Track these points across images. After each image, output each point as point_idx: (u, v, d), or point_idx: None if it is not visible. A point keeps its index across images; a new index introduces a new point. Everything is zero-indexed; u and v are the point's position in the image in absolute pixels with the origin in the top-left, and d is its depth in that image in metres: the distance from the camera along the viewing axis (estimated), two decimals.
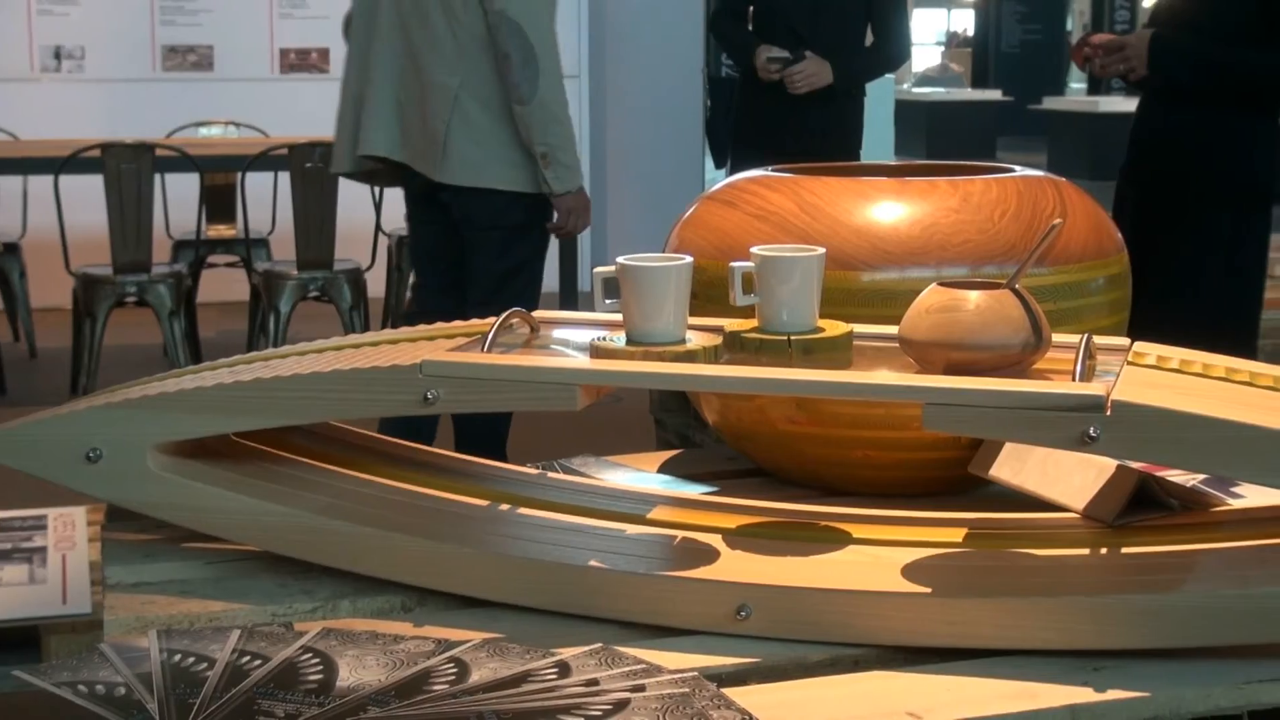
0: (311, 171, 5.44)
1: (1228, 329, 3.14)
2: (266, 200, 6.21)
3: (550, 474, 1.77)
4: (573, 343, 1.60)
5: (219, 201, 6.23)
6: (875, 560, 1.48)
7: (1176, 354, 1.51)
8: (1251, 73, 3.09)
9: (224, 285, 6.97)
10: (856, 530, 1.56)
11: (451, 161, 3.53)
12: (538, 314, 1.68)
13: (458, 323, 1.71)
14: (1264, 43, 3.06)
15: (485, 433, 3.50)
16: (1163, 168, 3.21)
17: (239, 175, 5.72)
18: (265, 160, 5.60)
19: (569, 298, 5.73)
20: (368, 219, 5.94)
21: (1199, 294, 3.17)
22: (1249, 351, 3.20)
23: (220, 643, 1.34)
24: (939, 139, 16.96)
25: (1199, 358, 1.50)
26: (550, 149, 3.51)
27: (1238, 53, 3.08)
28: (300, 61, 7.96)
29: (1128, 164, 3.37)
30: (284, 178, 5.77)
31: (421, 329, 1.71)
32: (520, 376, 1.46)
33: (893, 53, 4.58)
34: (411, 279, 4.31)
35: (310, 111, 7.22)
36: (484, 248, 3.58)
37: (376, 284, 6.13)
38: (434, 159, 3.54)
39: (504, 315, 1.58)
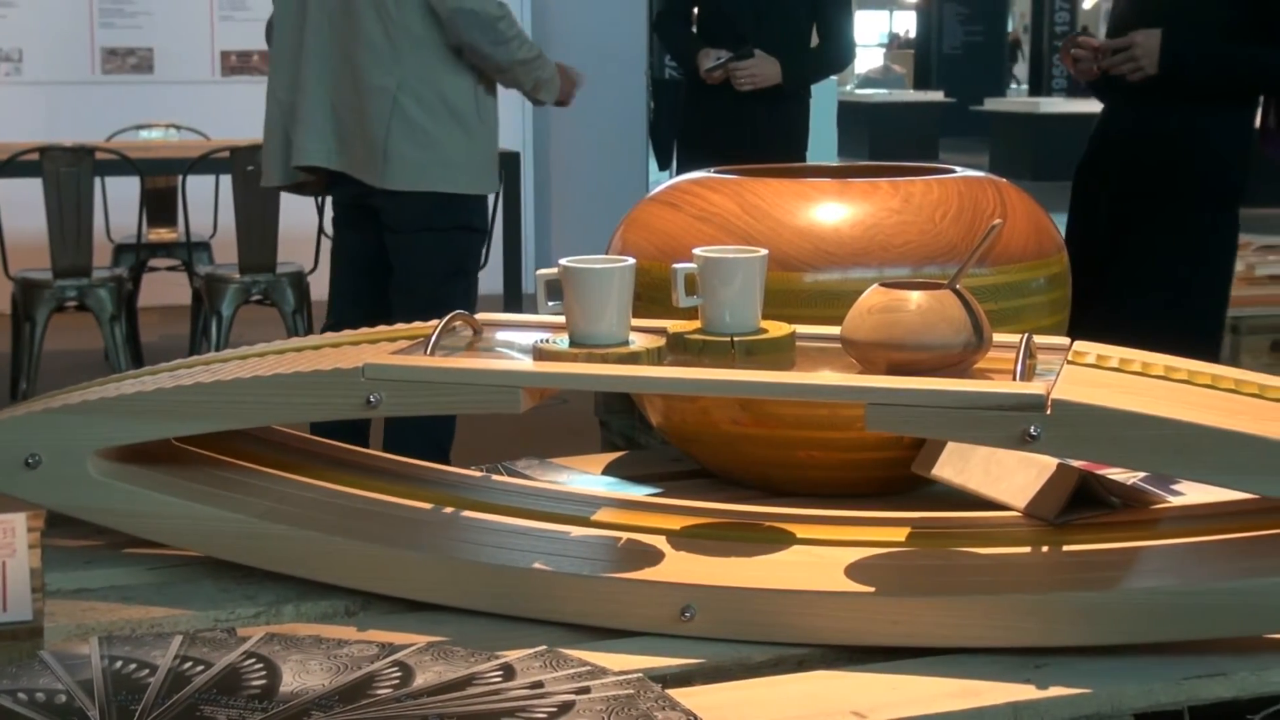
0: (253, 174, 5.41)
1: (1194, 327, 3.13)
2: (208, 203, 6.17)
3: (495, 476, 1.77)
4: (516, 345, 1.60)
5: (160, 205, 6.18)
6: (819, 560, 1.49)
7: (1116, 353, 1.52)
8: (1265, 70, 3.08)
9: (165, 289, 6.93)
10: (800, 530, 1.57)
11: (393, 166, 3.45)
12: (481, 316, 1.68)
13: (400, 325, 1.71)
14: (1262, 41, 3.05)
15: (418, 441, 3.39)
16: (1133, 166, 3.20)
17: (180, 178, 5.68)
18: (207, 163, 5.57)
19: (513, 300, 5.73)
20: (310, 221, 5.91)
21: (1167, 292, 3.16)
22: (1213, 349, 3.21)
23: (162, 649, 1.33)
24: (882, 140, 17.04)
25: (1138, 356, 1.51)
26: (539, 80, 3.60)
27: (1250, 50, 3.06)
28: (241, 64, 7.93)
29: (1088, 162, 3.34)
30: (225, 181, 5.74)
31: (363, 332, 1.70)
32: (463, 379, 1.45)
33: (838, 54, 4.59)
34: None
35: (252, 114, 7.16)
36: (419, 251, 3.51)
37: (320, 287, 6.06)
38: (375, 166, 3.46)
39: (447, 318, 1.58)
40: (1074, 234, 3.33)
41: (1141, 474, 1.71)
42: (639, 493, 1.80)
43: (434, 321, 1.61)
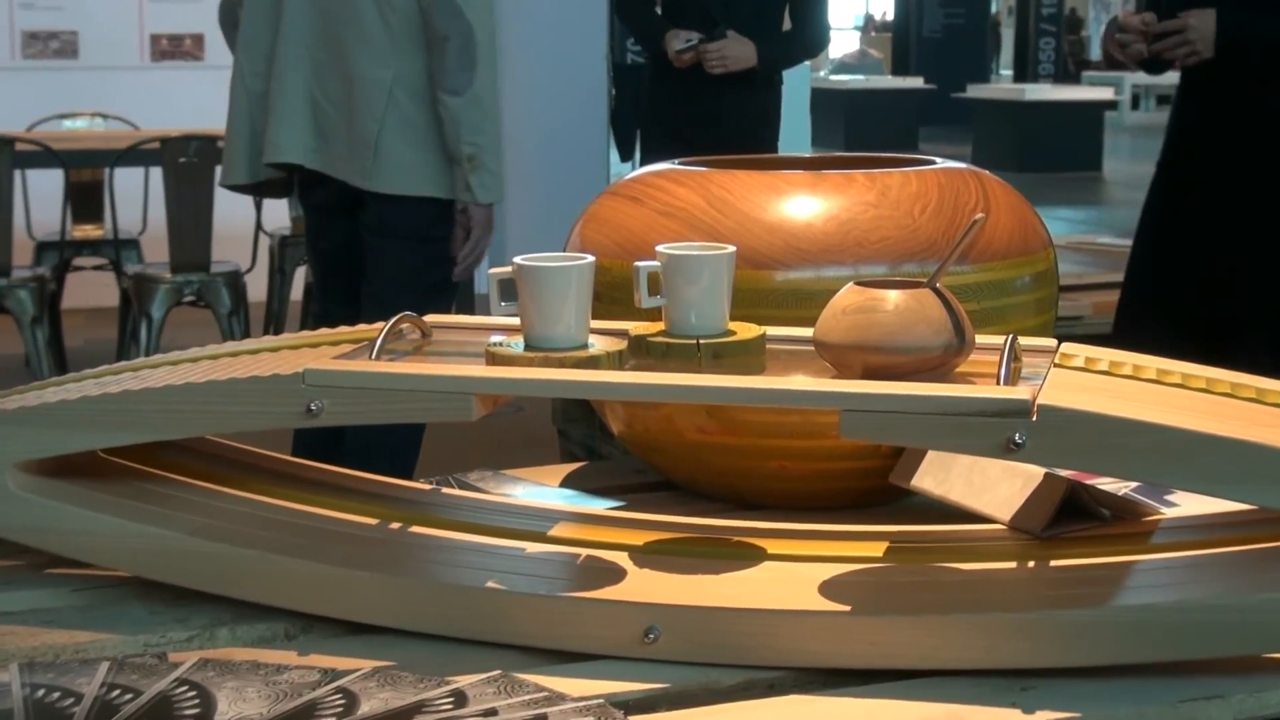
0: (185, 167, 5.40)
1: None
2: (137, 198, 6.15)
3: (445, 490, 1.77)
4: (468, 349, 1.60)
5: (85, 199, 6.16)
6: (791, 577, 1.49)
7: (1106, 355, 1.53)
8: None
9: (91, 290, 6.90)
10: (771, 545, 1.57)
11: (385, 166, 3.33)
12: (430, 318, 1.68)
13: (343, 329, 1.71)
14: None
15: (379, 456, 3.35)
16: (1225, 157, 3.08)
17: (107, 171, 5.66)
18: (135, 155, 5.55)
19: (464, 301, 5.72)
20: (247, 217, 5.90)
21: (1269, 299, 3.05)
22: None
23: (88, 676, 1.32)
24: (858, 129, 17.10)
25: (1129, 359, 1.52)
26: (479, 151, 3.32)
27: None
28: (173, 49, 7.90)
29: (1174, 150, 3.22)
30: (156, 174, 5.72)
31: (305, 335, 1.70)
32: (411, 385, 1.45)
33: (813, 38, 4.61)
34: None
35: (184, 102, 7.17)
36: (405, 260, 3.40)
37: (257, 287, 6.09)
38: (363, 165, 3.33)
39: (393, 320, 1.58)
40: (1167, 247, 3.20)
41: (1133, 484, 1.71)
42: (599, 506, 1.80)
43: (379, 324, 1.61)
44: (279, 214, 6.18)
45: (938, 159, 1.99)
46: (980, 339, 1.48)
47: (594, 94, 7.83)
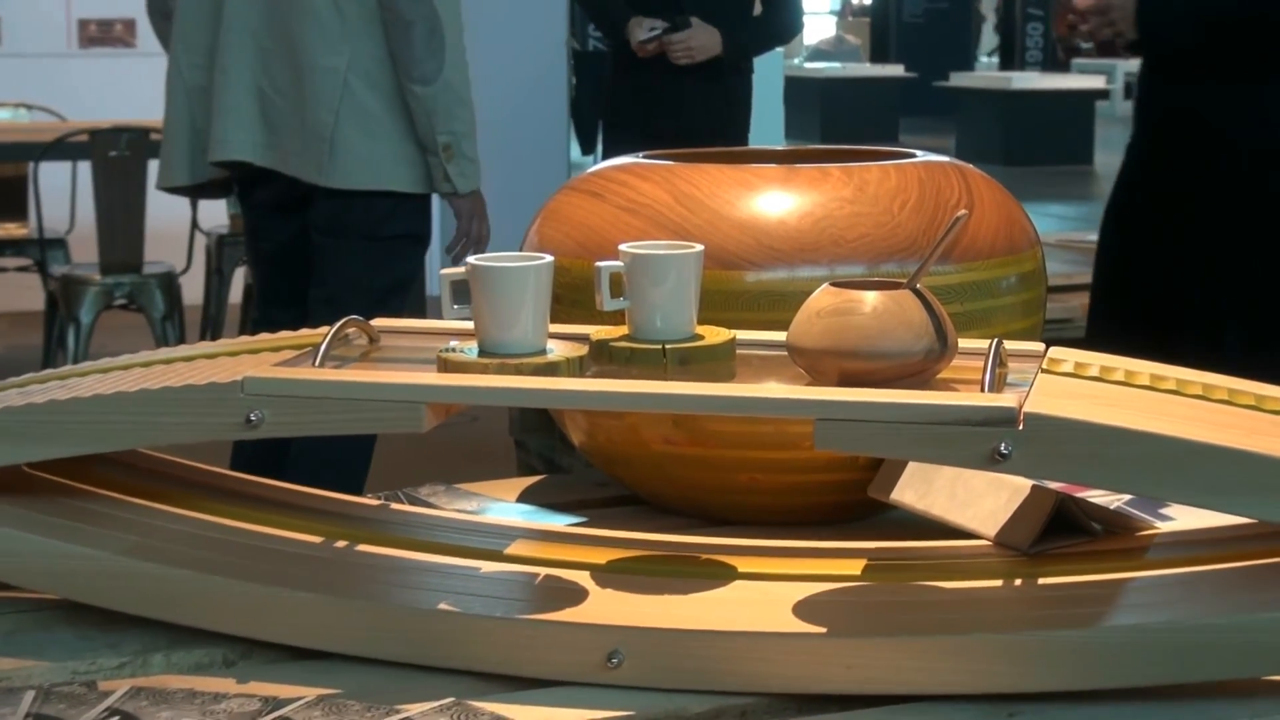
0: (116, 161, 5.38)
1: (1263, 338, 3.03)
2: (64, 194, 6.13)
3: (394, 505, 1.77)
4: (419, 355, 1.60)
5: (8, 196, 6.14)
6: (764, 597, 1.49)
7: (1097, 360, 1.54)
8: (1258, 29, 3.00)
9: (14, 292, 6.87)
10: (742, 564, 1.57)
11: (341, 161, 3.30)
12: (378, 323, 1.68)
13: (286, 334, 1.70)
14: None
15: (322, 464, 3.28)
16: (1183, 144, 3.09)
17: (31, 165, 5.63)
18: (62, 148, 5.52)
19: (415, 304, 5.71)
20: (182, 215, 5.88)
21: (1235, 299, 3.06)
22: None
23: (11, 707, 1.32)
24: (834, 120, 17.14)
25: (1121, 364, 1.52)
26: (455, 139, 3.30)
27: (1237, 5, 2.99)
28: (103, 35, 7.88)
29: (1141, 141, 3.23)
30: (84, 168, 5.70)
31: (244, 340, 1.69)
32: (358, 394, 1.45)
33: (785, 23, 4.62)
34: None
35: (114, 92, 7.14)
36: (360, 261, 3.37)
37: (193, 289, 6.07)
38: (317, 160, 3.30)
39: (338, 324, 1.58)
40: (1122, 250, 3.21)
41: (1126, 496, 1.72)
42: (559, 522, 1.80)
43: (324, 329, 1.60)
44: (216, 212, 6.16)
45: (918, 152, 2.00)
46: (963, 343, 1.49)
47: (553, 82, 7.84)
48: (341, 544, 1.62)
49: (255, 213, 3.57)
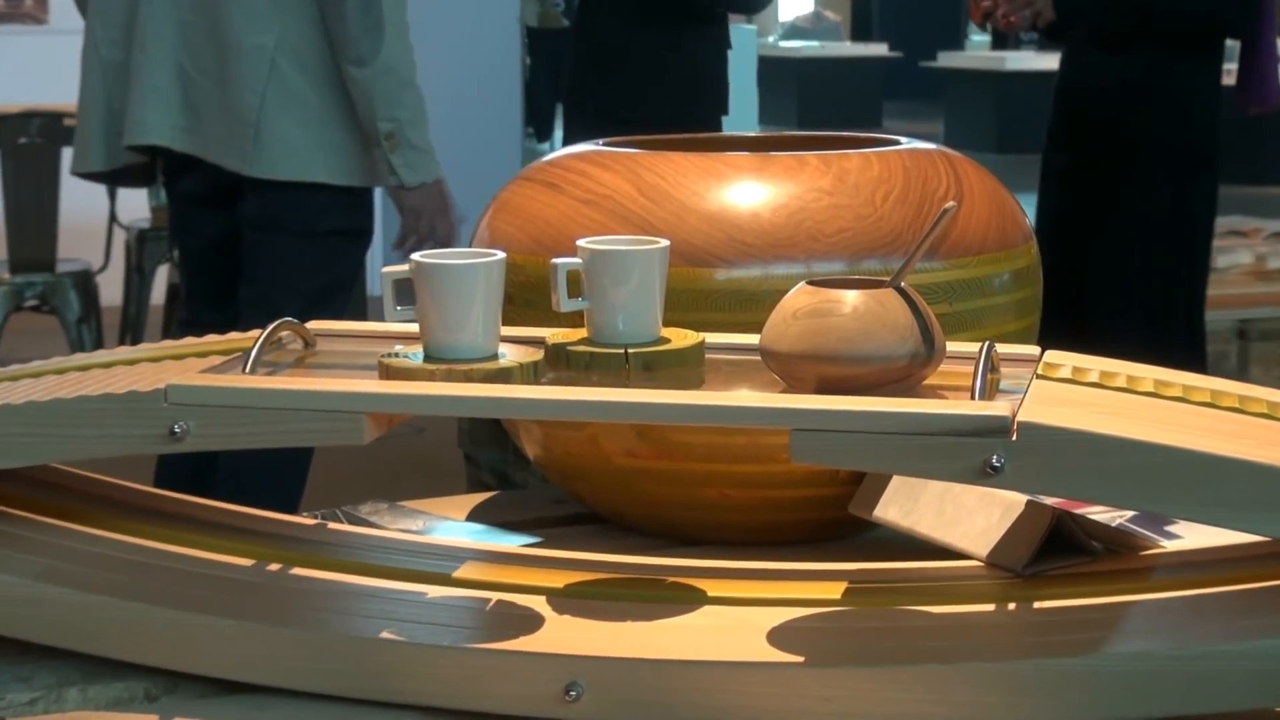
0: (26, 149, 5.36)
1: (1173, 324, 3.20)
2: None
3: (332, 525, 1.77)
4: (359, 360, 1.60)
5: None
6: (736, 623, 1.50)
7: (1096, 365, 1.54)
8: (1172, 4, 3.16)
9: None
10: (712, 587, 1.58)
11: (267, 148, 3.29)
12: (314, 325, 1.68)
13: (213, 337, 1.70)
14: None
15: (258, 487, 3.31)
16: (1091, 126, 3.27)
17: None
18: None
19: (355, 305, 5.70)
20: (99, 208, 5.87)
21: (1139, 281, 3.23)
22: (1197, 351, 3.27)
23: None
24: (812, 104, 17.16)
25: (1123, 370, 1.53)
26: (400, 125, 3.28)
27: None
28: (11, 10, 7.85)
29: (1054, 123, 3.43)
30: None
31: (168, 345, 1.69)
32: (292, 403, 1.45)
33: None
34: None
35: (24, 73, 7.11)
36: (294, 258, 3.37)
37: (111, 289, 6.06)
38: (240, 146, 3.30)
39: (270, 327, 1.57)
40: (1043, 217, 3.40)
41: (1129, 513, 1.73)
42: (513, 543, 1.80)
43: (255, 332, 1.60)
44: (137, 204, 6.13)
45: (904, 138, 2.00)
46: (952, 346, 1.49)
47: (505, 62, 7.82)
48: (275, 567, 1.62)
49: (181, 204, 3.56)
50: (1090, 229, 3.28)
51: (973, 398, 1.38)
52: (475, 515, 1.99)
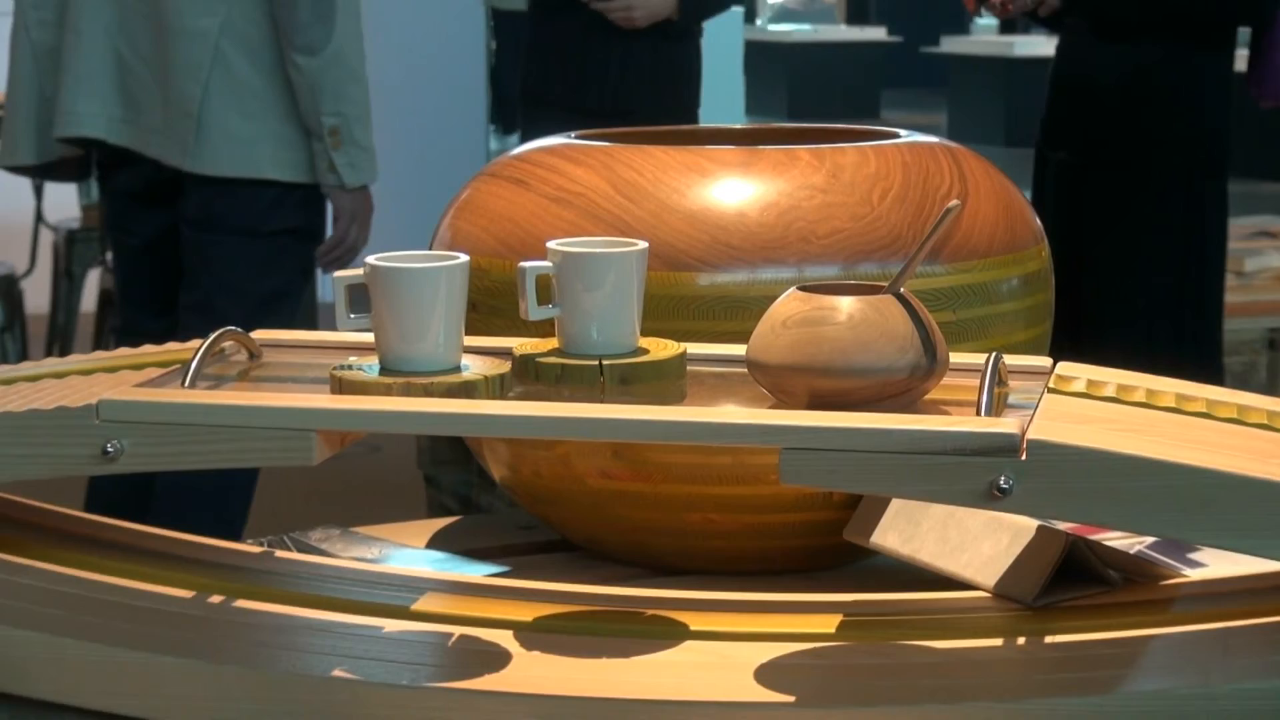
0: None
1: (1185, 337, 3.22)
2: None
3: (279, 553, 1.77)
4: (309, 373, 1.60)
5: None
6: (721, 660, 1.50)
7: (1113, 377, 1.55)
8: None
9: None
10: (695, 620, 1.58)
11: (210, 142, 3.30)
12: (259, 335, 1.68)
13: (150, 348, 1.70)
14: None
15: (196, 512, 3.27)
16: (1092, 121, 3.29)
17: None
18: None
19: (305, 312, 5.69)
20: (24, 207, 5.85)
21: (1145, 289, 3.25)
22: (1212, 367, 3.29)
23: None
24: (804, 93, 17.16)
25: (1142, 382, 1.53)
26: (345, 121, 3.30)
27: None
28: None
29: (1048, 118, 3.46)
30: None
31: (101, 356, 1.69)
32: (236, 420, 1.45)
33: None
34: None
35: None
36: (239, 261, 3.38)
37: (37, 295, 6.04)
38: (182, 140, 3.30)
39: (212, 336, 1.57)
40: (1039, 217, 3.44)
41: (1149, 539, 1.73)
42: (477, 573, 1.80)
43: (195, 342, 1.60)
44: (65, 202, 6.13)
45: (903, 131, 2.01)
46: (955, 358, 1.50)
47: (468, 48, 7.81)
48: (217, 599, 1.62)
49: (117, 201, 3.56)
50: (1091, 232, 3.30)
51: (978, 413, 1.38)
52: (436, 542, 1.99)
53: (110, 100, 3.37)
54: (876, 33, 18.92)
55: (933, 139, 1.98)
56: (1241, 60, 3.51)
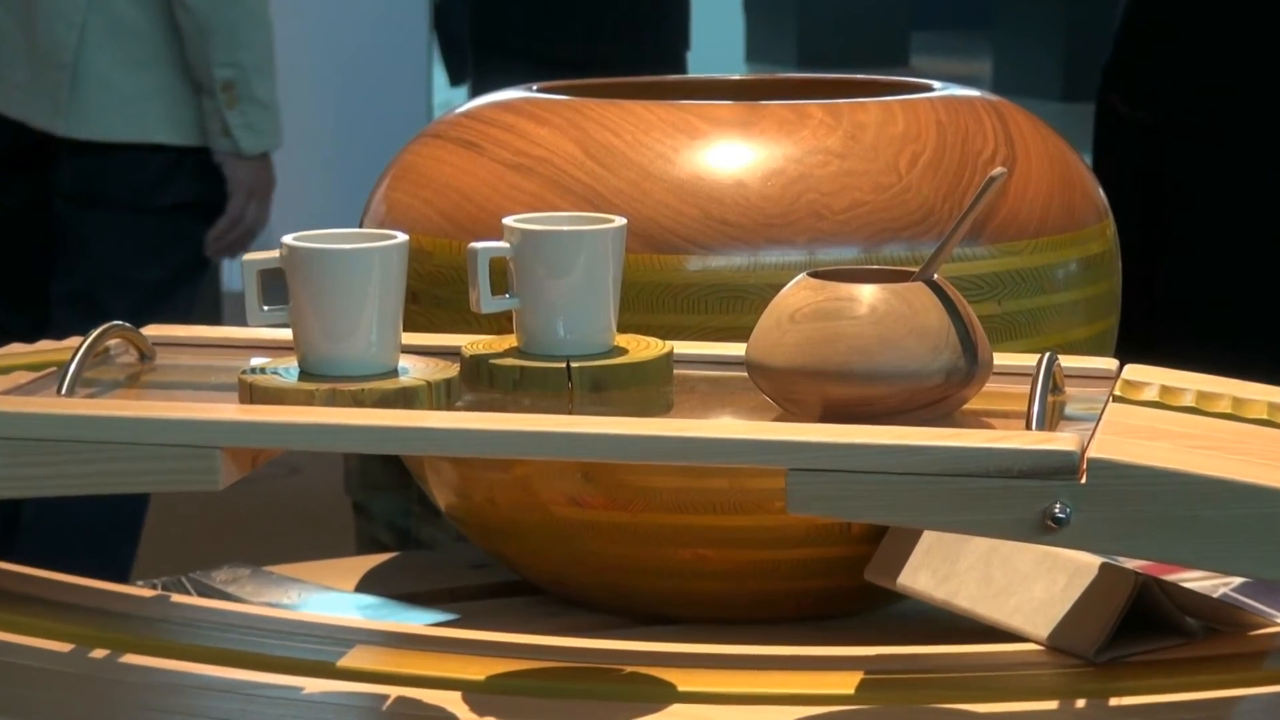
0: None
1: None
2: None
3: (176, 597, 1.77)
4: (211, 378, 1.60)
5: None
6: None
7: (1192, 384, 1.55)
8: None
9: None
10: (684, 679, 1.58)
11: (87, 99, 3.33)
12: (151, 332, 1.68)
13: (17, 346, 1.70)
14: None
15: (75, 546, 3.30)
16: (1178, 73, 3.28)
17: None
18: None
19: (206, 303, 5.70)
20: None
21: (1240, 279, 3.25)
22: None
23: None
24: (816, 37, 17.18)
25: (1227, 390, 1.54)
26: (242, 74, 3.32)
27: None
28: None
29: (1116, 66, 3.44)
30: None
31: None
32: (123, 435, 1.45)
33: None
34: None
35: None
36: (125, 241, 3.41)
37: None
38: (53, 96, 3.33)
39: (96, 332, 1.57)
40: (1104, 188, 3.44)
41: (1236, 580, 1.74)
42: (418, 621, 1.80)
43: (74, 340, 1.60)
44: None
45: (937, 83, 2.01)
46: (1000, 359, 1.50)
47: None
48: (100, 654, 1.62)
49: None
50: (1174, 208, 3.28)
51: (1028, 427, 1.38)
52: (367, 584, 1.99)
53: None
54: None
55: (973, 92, 1.98)
56: None
